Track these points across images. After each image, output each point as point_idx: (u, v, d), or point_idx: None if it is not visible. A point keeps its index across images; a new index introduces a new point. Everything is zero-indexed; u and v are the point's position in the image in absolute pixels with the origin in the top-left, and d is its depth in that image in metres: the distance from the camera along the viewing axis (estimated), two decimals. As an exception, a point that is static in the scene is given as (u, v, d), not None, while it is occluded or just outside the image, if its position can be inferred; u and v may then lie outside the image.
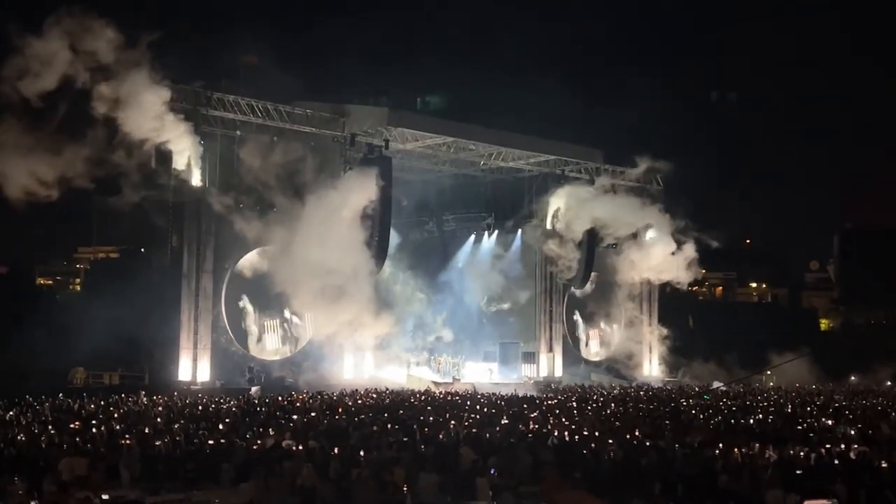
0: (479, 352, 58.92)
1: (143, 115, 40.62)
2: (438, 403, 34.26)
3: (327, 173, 47.18)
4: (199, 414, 29.39)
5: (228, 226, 45.08)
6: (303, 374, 46.75)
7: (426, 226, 63.25)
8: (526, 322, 59.90)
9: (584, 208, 57.27)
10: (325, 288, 47.13)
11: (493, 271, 61.78)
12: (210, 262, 45.57)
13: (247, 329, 47.80)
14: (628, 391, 46.47)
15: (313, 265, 45.04)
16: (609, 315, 64.62)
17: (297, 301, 47.87)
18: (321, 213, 45.25)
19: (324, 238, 45.04)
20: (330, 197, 45.86)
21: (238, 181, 46.53)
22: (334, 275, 46.38)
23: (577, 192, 57.60)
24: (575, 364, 60.98)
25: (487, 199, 63.62)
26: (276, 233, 45.45)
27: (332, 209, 45.67)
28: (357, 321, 48.28)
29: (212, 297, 45.74)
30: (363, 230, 47.68)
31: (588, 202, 57.32)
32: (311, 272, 45.59)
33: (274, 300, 47.63)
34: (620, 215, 58.45)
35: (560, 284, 60.54)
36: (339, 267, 46.25)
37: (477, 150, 56.52)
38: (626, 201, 58.65)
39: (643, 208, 59.16)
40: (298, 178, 46.10)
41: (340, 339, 48.38)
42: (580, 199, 57.42)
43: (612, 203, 57.83)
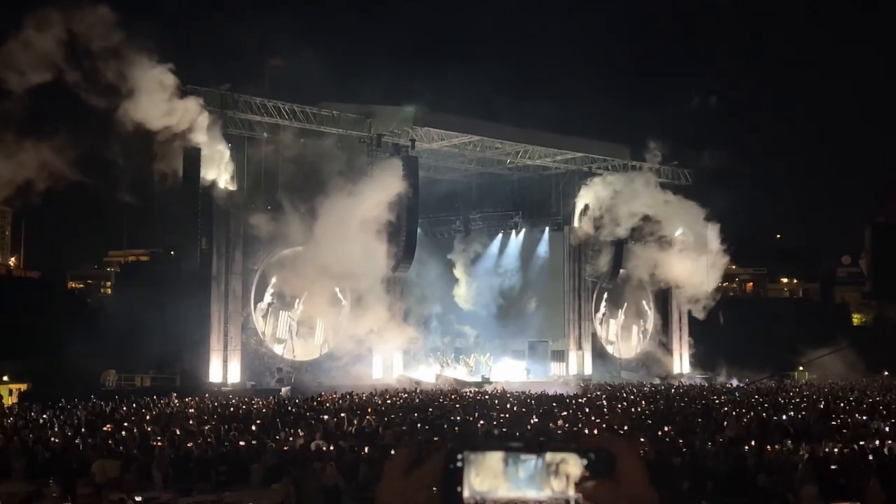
0: (507, 350, 58.82)
1: (152, 101, 40.60)
2: (468, 403, 34.23)
3: (354, 174, 47.32)
4: (230, 415, 29.50)
5: (256, 228, 45.30)
6: (331, 375, 46.86)
7: (453, 225, 63.28)
8: (554, 320, 59.76)
9: (612, 204, 57.05)
10: (352, 289, 47.29)
11: (521, 269, 61.72)
12: (239, 264, 45.81)
13: (275, 330, 47.99)
14: (659, 388, 46.24)
15: (340, 266, 45.20)
16: (639, 312, 64.37)
17: (323, 303, 48.05)
18: (348, 215, 45.36)
19: (350, 239, 45.17)
20: (356, 198, 45.98)
21: (265, 183, 46.73)
22: (361, 276, 46.52)
23: (606, 188, 57.38)
24: (605, 362, 60.82)
25: (514, 197, 63.56)
26: (303, 234, 45.63)
27: (358, 210, 45.79)
28: (384, 323, 48.43)
29: (241, 299, 45.97)
30: (390, 230, 47.79)
31: (617, 198, 57.08)
32: (337, 273, 45.75)
33: (301, 302, 47.79)
34: (651, 210, 58.13)
35: (589, 282, 60.37)
36: (366, 268, 46.38)
37: (503, 148, 56.47)
38: (657, 196, 58.20)
39: (675, 202, 58.72)
40: (325, 179, 46.24)
41: (369, 342, 48.50)
42: (609, 195, 57.19)
43: (641, 198, 57.47)
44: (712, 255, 61.23)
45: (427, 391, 41.66)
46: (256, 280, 46.71)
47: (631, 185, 57.62)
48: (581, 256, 59.71)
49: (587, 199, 58.12)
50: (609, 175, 58.73)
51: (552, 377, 55.56)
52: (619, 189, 57.16)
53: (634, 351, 63.85)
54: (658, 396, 39.11)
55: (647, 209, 57.97)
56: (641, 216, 57.92)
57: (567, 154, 58.36)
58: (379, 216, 46.96)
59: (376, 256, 47.16)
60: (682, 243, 61.72)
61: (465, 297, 60.59)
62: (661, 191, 59.04)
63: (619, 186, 57.35)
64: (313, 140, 48.06)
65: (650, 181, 58.53)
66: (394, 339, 49.82)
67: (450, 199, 62.63)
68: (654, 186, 58.86)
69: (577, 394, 40.57)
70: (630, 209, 57.08)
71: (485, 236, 63.93)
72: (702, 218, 60.13)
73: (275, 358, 47.23)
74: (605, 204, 57.18)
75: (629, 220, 57.59)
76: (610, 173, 59.10)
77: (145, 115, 40.37)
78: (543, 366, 57.97)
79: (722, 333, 64.96)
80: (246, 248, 45.99)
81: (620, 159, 59.76)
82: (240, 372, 45.19)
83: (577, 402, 34.57)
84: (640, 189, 57.64)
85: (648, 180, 58.54)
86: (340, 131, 49.22)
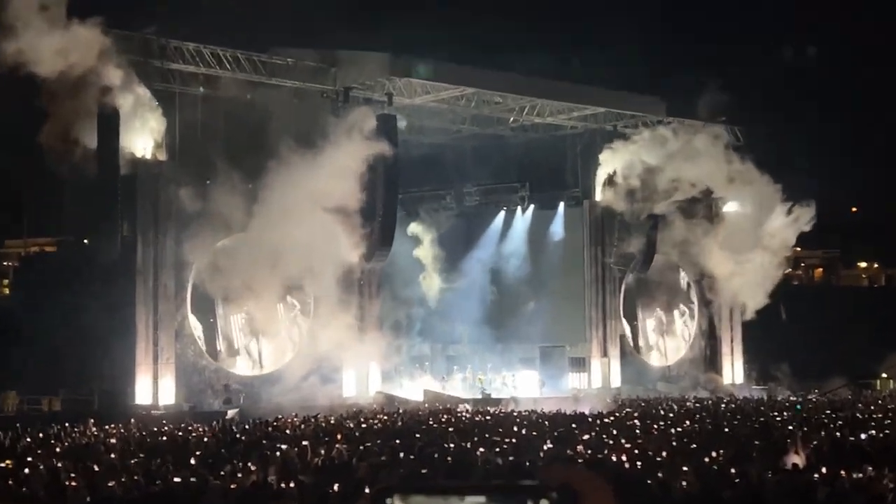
0: (513, 358, 59.00)
1: (35, 33, 40.23)
2: (464, 425, 34.31)
3: (314, 138, 47.24)
4: (163, 446, 29.50)
5: (192, 208, 45.25)
6: (290, 394, 46.93)
7: (442, 201, 63.30)
8: (572, 320, 59.86)
9: (646, 171, 57.17)
10: (314, 284, 47.26)
11: (529, 256, 61.78)
12: (171, 253, 45.77)
13: (220, 338, 47.95)
14: (705, 404, 46.40)
15: (298, 256, 45.31)
16: (678, 308, 64.49)
17: (279, 303, 48.06)
18: (307, 190, 45.44)
19: (311, 221, 45.31)
20: (318, 168, 46.00)
21: (203, 151, 46.65)
22: (326, 268, 46.52)
23: (637, 151, 57.41)
24: (636, 371, 60.99)
25: (520, 165, 63.52)
26: (250, 216, 45.59)
27: (320, 184, 45.84)
28: (355, 327, 48.60)
29: (174, 299, 45.95)
30: (362, 210, 47.82)
31: (652, 163, 57.19)
32: (294, 265, 45.78)
33: (252, 300, 47.83)
34: (698, 178, 58.12)
35: (615, 271, 60.47)
36: (331, 258, 46.43)
37: (505, 102, 56.44)
38: (704, 159, 57.94)
39: (728, 167, 58.54)
40: (278, 145, 46.17)
41: (337, 351, 48.66)
42: (640, 159, 57.24)
43: (683, 162, 57.41)
44: (778, 238, 61.21)
45: (412, 412, 41.71)
46: (193, 274, 46.63)
47: (688, 144, 57.26)
48: (605, 239, 59.80)
49: (613, 166, 58.17)
50: (639, 134, 58.65)
51: (570, 391, 55.68)
52: (653, 151, 57.00)
53: (674, 357, 64.04)
54: (704, 414, 39.25)
55: (694, 174, 57.87)
56: (685, 184, 57.75)
57: (586, 109, 58.34)
58: (347, 192, 46.95)
59: (345, 243, 47.13)
60: (735, 221, 61.82)
61: (435, 287, 60.10)
62: (728, 153, 58.47)
63: (654, 147, 57.22)
64: (263, 96, 47.97)
65: (718, 138, 57.84)
66: (369, 346, 49.94)
67: (438, 168, 62.57)
68: (719, 147, 58.25)
69: (603, 412, 40.67)
70: (669, 175, 56.99)
71: (482, 215, 63.90)
72: (774, 192, 59.98)
73: (218, 373, 47.27)
74: (635, 170, 57.20)
75: (667, 190, 57.55)
76: (640, 132, 59.02)
77: (27, 51, 40.12)
78: (559, 377, 58.12)
79: (784, 333, 65.12)
80: (179, 234, 45.91)
81: (654, 115, 59.77)
82: (174, 391, 45.25)
83: (602, 421, 34.67)
84: (701, 149, 57.22)
85: (717, 136, 57.85)
86: (297, 84, 49.14)
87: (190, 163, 46.43)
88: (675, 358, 63.99)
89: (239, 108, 47.57)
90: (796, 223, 61.33)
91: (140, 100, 44.16)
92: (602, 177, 59.02)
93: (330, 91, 49.70)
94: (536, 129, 60.86)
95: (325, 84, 49.73)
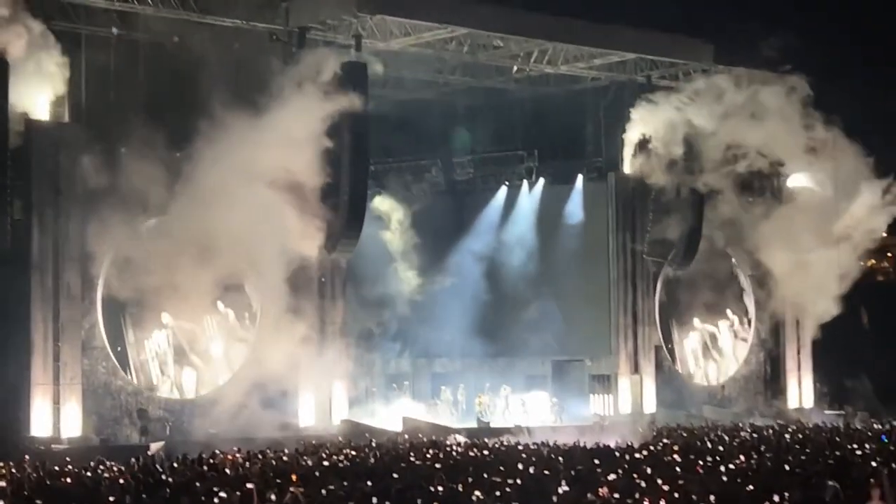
0: (516, 374, 59.16)
1: None
2: (455, 462, 34.40)
3: (261, 93, 47.27)
4: (68, 491, 29.50)
5: (105, 184, 45.18)
6: (231, 423, 47.01)
7: (426, 174, 63.38)
8: (594, 327, 60.08)
9: (691, 135, 57.35)
10: (260, 282, 47.26)
11: (538, 245, 61.95)
12: (77, 243, 45.71)
13: (138, 351, 47.97)
14: (764, 434, 46.57)
15: (238, 245, 45.50)
16: (730, 312, 64.66)
17: (215, 306, 48.26)
18: (251, 160, 45.60)
19: (257, 200, 45.47)
20: (265, 132, 46.05)
21: (118, 111, 46.59)
22: (275, 261, 46.59)
23: (679, 107, 57.51)
24: (677, 393, 61.16)
25: (526, 127, 63.67)
26: (178, 194, 45.52)
27: (268, 153, 46.01)
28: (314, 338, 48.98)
29: (81, 301, 45.95)
30: (323, 186, 47.94)
31: (701, 123, 57.32)
32: (237, 257, 45.83)
33: (177, 304, 47.96)
34: (765, 144, 58.15)
35: (649, 264, 60.64)
36: (282, 247, 46.43)
37: (507, 47, 56.51)
38: (775, 119, 57.78)
39: (806, 130, 58.43)
40: (214, 102, 46.14)
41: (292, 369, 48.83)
42: (684, 119, 57.36)
43: (745, 123, 57.38)
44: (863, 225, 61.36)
45: (388, 446, 41.83)
46: (105, 269, 46.68)
47: (753, 98, 57.15)
48: (636, 222, 59.98)
49: (647, 128, 58.30)
50: (679, 87, 58.70)
51: (592, 418, 55.87)
52: (700, 105, 56.97)
53: (725, 375, 64.24)
54: (763, 447, 39.38)
55: (778, 145, 57.91)
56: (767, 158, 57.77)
57: (612, 56, 58.48)
58: (302, 162, 47.12)
59: (299, 230, 47.18)
60: (807, 201, 62.01)
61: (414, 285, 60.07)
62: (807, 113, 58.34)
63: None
64: (193, 39, 47.85)
65: (794, 91, 57.57)
66: (331, 362, 50.18)
67: (420, 132, 62.56)
68: (794, 104, 58.04)
69: (633, 444, 40.80)
70: (722, 138, 57.03)
71: (478, 192, 63.94)
72: (862, 165, 59.92)
73: (138, 396, 47.23)
74: (677, 133, 57.33)
75: (736, 161, 57.56)
76: (681, 84, 59.06)
77: None
78: (577, 400, 58.38)
79: (865, 343, 65.30)
80: (87, 218, 45.84)
81: (698, 62, 59.90)
82: (81, 420, 45.19)
83: (632, 457, 34.74)
84: (770, 106, 57.11)
85: (792, 88, 57.64)
86: (237, 23, 49.11)
87: (100, 126, 46.34)
88: (726, 376, 64.16)
89: (163, 56, 47.52)
90: (891, 206, 61.15)
91: (35, 42, 44.00)
92: (632, 142, 59.12)
93: (280, 32, 49.69)
94: (547, 81, 60.94)
95: (273, 23, 49.71)
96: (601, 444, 40.52)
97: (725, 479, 28.82)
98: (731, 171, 58.77)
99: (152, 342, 48.35)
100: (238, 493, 27.27)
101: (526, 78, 60.41)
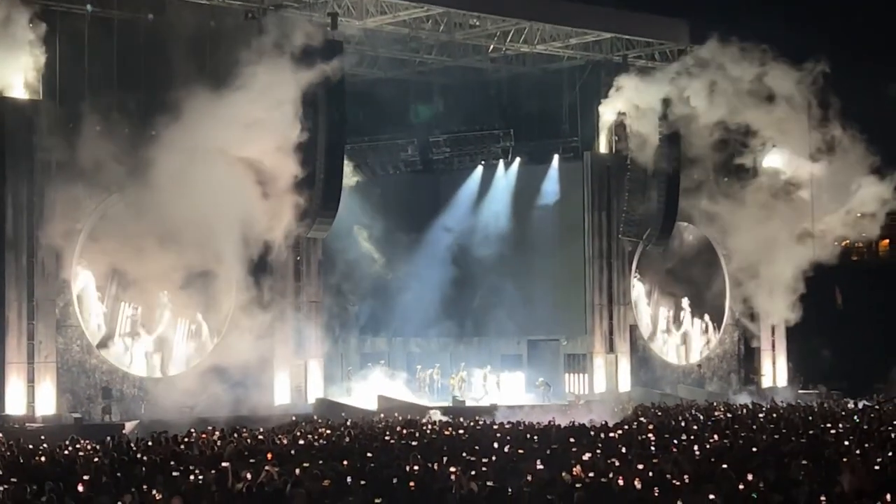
0: (492, 354, 59.20)
1: None
2: (430, 441, 34.42)
3: (234, 70, 47.02)
4: (41, 468, 29.42)
5: (78, 160, 45.02)
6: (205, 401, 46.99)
7: (403, 153, 63.31)
8: (570, 306, 60.15)
9: (666, 112, 57.46)
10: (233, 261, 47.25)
11: (513, 224, 61.98)
12: (51, 221, 45.58)
13: (114, 328, 47.90)
14: (738, 414, 46.69)
15: (211, 223, 45.39)
16: (705, 293, 64.81)
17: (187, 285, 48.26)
18: (223, 138, 45.48)
19: (228, 179, 45.44)
20: (238, 108, 45.91)
21: (91, 88, 46.38)
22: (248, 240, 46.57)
23: (653, 85, 57.74)
24: (652, 372, 61.34)
25: (502, 107, 63.59)
26: (154, 170, 45.35)
27: (241, 131, 45.91)
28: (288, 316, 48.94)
29: (55, 279, 45.88)
30: (297, 165, 47.80)
31: (674, 100, 57.44)
32: (208, 235, 45.80)
33: (155, 280, 47.88)
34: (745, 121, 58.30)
35: (625, 243, 60.70)
36: (256, 226, 46.39)
37: (483, 26, 56.40)
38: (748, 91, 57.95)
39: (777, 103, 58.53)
40: (186, 79, 46.03)
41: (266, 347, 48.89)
42: (659, 96, 57.52)
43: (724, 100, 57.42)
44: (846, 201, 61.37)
45: (364, 425, 41.83)
46: (79, 247, 46.55)
47: (734, 68, 57.05)
48: (612, 201, 60.00)
49: (622, 104, 58.44)
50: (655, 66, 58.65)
51: (567, 397, 55.99)
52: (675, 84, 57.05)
53: (700, 354, 64.46)
54: (737, 426, 39.47)
55: (755, 117, 58.04)
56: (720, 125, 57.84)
57: (588, 35, 58.49)
58: (277, 141, 47.00)
59: (274, 208, 47.08)
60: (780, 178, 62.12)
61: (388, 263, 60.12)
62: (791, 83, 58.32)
63: (676, 80, 57.21)
64: (167, 16, 47.66)
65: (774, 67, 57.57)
66: (306, 341, 50.26)
67: (396, 111, 62.56)
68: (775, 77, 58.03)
69: (608, 423, 40.88)
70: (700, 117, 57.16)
71: (454, 171, 63.92)
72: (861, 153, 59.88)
73: (113, 374, 47.13)
74: (652, 110, 57.52)
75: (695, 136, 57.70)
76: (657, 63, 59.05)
77: None
78: (552, 379, 58.41)
79: (840, 323, 65.39)
80: (62, 195, 45.77)
81: (674, 42, 59.99)
82: (55, 398, 45.16)
83: (607, 436, 34.78)
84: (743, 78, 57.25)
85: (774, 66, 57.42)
86: (212, 1, 48.85)
87: (74, 104, 46.11)
88: (702, 355, 64.39)
89: (136, 32, 47.24)
90: None
91: (9, 19, 43.77)
92: (609, 119, 59.23)
93: (255, 10, 49.43)
94: (523, 60, 60.88)
95: (249, 1, 49.44)
96: (576, 422, 40.58)
97: (700, 458, 28.88)
98: (707, 150, 58.82)
99: (124, 320, 48.25)
100: (213, 471, 27.23)
101: (502, 57, 60.31)
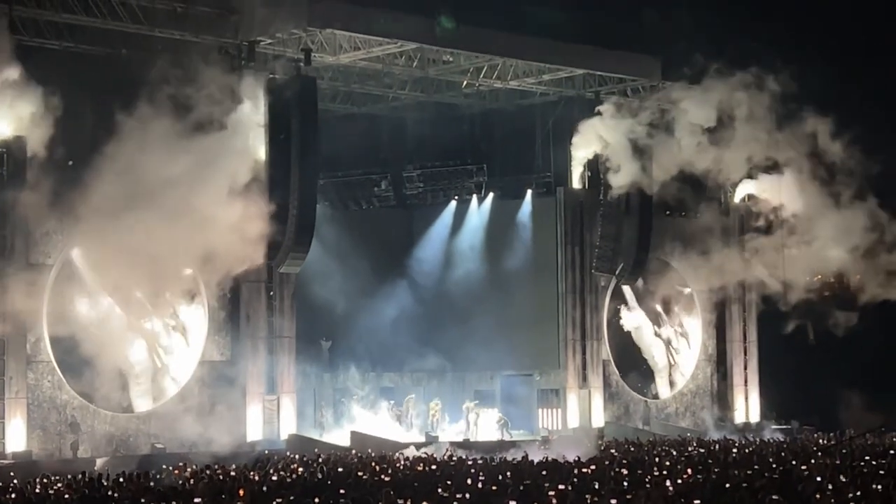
0: (465, 389, 59.15)
1: None
2: (404, 477, 34.38)
3: (209, 105, 47.13)
4: (10, 506, 29.29)
5: (51, 194, 44.83)
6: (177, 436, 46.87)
7: (377, 188, 63.29)
8: (543, 341, 60.11)
9: (638, 149, 57.60)
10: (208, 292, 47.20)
11: (487, 259, 61.99)
12: (22, 252, 45.41)
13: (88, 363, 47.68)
14: (712, 449, 46.71)
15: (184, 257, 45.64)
16: (679, 326, 64.84)
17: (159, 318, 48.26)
18: (198, 173, 45.42)
19: (202, 213, 45.35)
20: (214, 144, 46.06)
21: (64, 123, 46.29)
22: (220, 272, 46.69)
23: (626, 121, 57.84)
24: (624, 407, 61.27)
25: (475, 142, 63.72)
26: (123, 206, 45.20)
27: (216, 166, 45.92)
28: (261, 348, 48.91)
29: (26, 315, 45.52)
30: (270, 200, 47.85)
31: (645, 137, 57.67)
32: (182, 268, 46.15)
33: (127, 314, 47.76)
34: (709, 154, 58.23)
35: (598, 279, 60.71)
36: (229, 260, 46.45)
37: (456, 62, 56.48)
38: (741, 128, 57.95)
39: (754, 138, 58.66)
40: (160, 114, 45.98)
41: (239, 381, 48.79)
42: (631, 133, 57.65)
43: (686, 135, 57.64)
44: None
45: (336, 461, 41.75)
46: (52, 281, 46.39)
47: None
48: (585, 237, 60.05)
49: (594, 142, 58.50)
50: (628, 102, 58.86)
51: (540, 432, 55.83)
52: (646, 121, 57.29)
53: (673, 389, 64.44)
54: (710, 462, 39.47)
55: (724, 154, 58.16)
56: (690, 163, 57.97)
57: (560, 71, 58.65)
58: (251, 174, 47.12)
59: (247, 241, 47.05)
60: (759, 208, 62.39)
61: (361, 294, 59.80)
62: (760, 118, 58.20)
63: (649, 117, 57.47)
64: (142, 52, 47.68)
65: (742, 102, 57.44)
66: (279, 377, 50.18)
67: (369, 146, 62.65)
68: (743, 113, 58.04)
69: (581, 458, 40.86)
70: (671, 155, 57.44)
71: (427, 206, 63.96)
72: None
73: (84, 410, 46.94)
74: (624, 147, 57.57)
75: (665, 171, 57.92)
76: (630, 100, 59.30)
77: None
78: (525, 415, 58.41)
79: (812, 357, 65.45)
80: (32, 228, 45.64)
81: (646, 78, 60.18)
82: (25, 434, 44.93)
83: (580, 471, 34.74)
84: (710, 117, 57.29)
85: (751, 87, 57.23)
86: (186, 36, 48.86)
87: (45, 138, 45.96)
88: (675, 389, 64.39)
89: (111, 68, 47.25)
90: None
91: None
92: (582, 155, 59.29)
93: (230, 46, 49.53)
94: (497, 96, 60.99)
95: (223, 37, 49.50)
96: (549, 458, 40.57)
97: (672, 494, 28.85)
98: (678, 185, 59.02)
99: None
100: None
101: (475, 93, 60.41)
